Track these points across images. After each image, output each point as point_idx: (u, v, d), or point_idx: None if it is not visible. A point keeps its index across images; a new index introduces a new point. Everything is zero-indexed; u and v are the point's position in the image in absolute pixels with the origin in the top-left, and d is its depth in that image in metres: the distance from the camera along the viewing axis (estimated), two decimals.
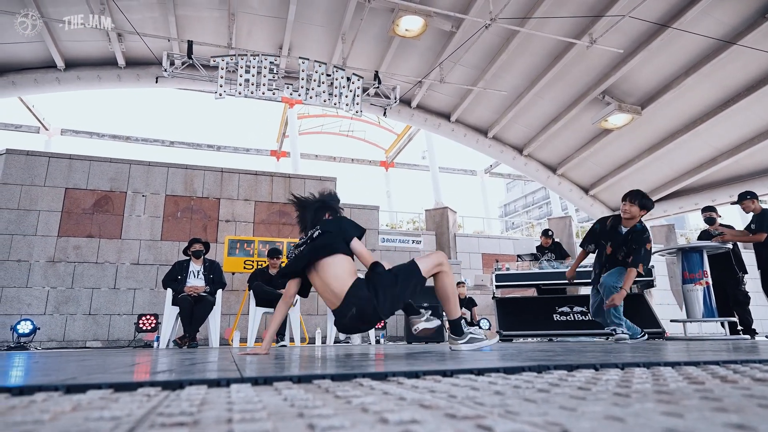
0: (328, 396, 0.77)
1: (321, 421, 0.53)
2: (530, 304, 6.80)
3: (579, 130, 10.98)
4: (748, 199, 5.58)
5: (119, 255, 7.52)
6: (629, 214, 4.11)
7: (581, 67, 9.23)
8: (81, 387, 0.84)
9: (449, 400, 0.71)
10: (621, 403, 0.66)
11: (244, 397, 0.74)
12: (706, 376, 1.02)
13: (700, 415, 0.57)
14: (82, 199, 7.55)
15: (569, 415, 0.58)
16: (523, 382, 0.94)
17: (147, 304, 7.41)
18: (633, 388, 0.83)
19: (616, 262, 4.18)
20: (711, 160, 10.39)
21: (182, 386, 0.90)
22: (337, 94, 8.80)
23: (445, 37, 9.04)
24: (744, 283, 5.98)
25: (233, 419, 0.55)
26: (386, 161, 19.16)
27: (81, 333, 7.11)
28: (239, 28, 8.98)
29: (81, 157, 7.74)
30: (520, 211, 55.82)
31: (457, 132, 11.74)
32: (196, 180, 8.20)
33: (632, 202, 4.11)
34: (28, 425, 0.53)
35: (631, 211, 4.10)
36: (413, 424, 0.52)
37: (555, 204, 19.23)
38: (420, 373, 1.09)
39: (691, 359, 1.44)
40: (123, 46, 8.97)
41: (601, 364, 1.28)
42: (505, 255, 12.68)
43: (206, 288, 5.58)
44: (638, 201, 4.11)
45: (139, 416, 0.59)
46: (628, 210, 4.11)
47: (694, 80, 8.65)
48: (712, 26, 7.71)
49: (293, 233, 8.42)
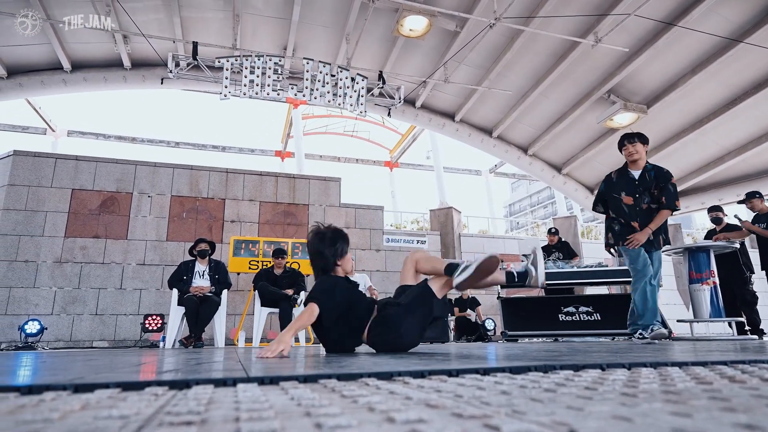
0: (335, 395, 0.77)
1: (328, 420, 0.53)
2: (535, 304, 6.78)
3: (584, 129, 10.94)
4: (756, 198, 5.55)
5: (125, 255, 7.56)
6: (636, 154, 3.77)
7: (586, 66, 9.20)
8: (89, 386, 0.85)
9: (455, 399, 0.71)
10: (628, 403, 0.66)
11: (250, 397, 0.75)
12: (714, 377, 1.01)
13: (709, 415, 0.57)
14: (88, 200, 7.60)
15: (576, 415, 0.57)
16: (529, 382, 0.94)
17: (153, 305, 7.45)
18: (640, 388, 0.83)
19: (644, 213, 3.71)
20: (718, 159, 10.33)
21: (189, 386, 0.90)
22: (341, 94, 8.81)
23: (449, 36, 9.03)
24: (751, 282, 5.95)
25: (240, 418, 0.56)
26: (390, 161, 19.15)
27: (88, 333, 7.15)
28: (244, 28, 9.01)
29: (87, 158, 7.79)
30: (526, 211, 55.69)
31: (462, 132, 11.72)
32: (201, 180, 8.24)
33: (632, 142, 3.78)
34: (38, 424, 0.54)
35: (637, 150, 3.77)
36: (420, 423, 0.52)
37: (560, 203, 19.17)
38: (426, 372, 1.09)
39: (698, 359, 1.43)
40: (128, 47, 9.02)
41: (608, 364, 1.27)
42: (510, 255, 12.64)
43: (211, 288, 5.60)
44: (639, 139, 3.79)
45: (147, 415, 0.59)
46: (633, 150, 3.78)
47: (701, 78, 8.60)
48: (719, 24, 7.66)
49: (298, 233, 8.43)
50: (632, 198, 3.75)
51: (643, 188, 3.72)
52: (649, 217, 3.70)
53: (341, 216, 8.87)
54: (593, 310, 6.26)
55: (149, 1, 8.22)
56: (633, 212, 3.75)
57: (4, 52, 8.78)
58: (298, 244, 7.54)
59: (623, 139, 3.87)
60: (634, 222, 3.72)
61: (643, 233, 3.63)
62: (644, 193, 3.72)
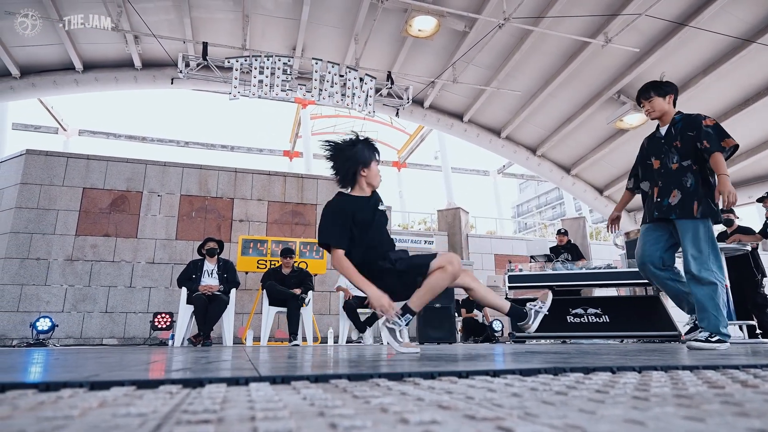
0: (347, 396, 0.78)
1: (342, 420, 0.54)
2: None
3: (593, 130, 10.88)
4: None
5: (135, 254, 7.63)
6: (657, 110, 3.13)
7: (596, 66, 9.15)
8: (105, 384, 0.86)
9: (467, 401, 0.72)
10: (640, 407, 0.66)
11: (264, 396, 0.75)
12: (726, 381, 1.01)
13: (722, 420, 0.57)
14: (99, 199, 7.67)
15: (589, 418, 0.58)
16: (540, 384, 0.94)
17: (162, 303, 7.51)
18: (652, 392, 0.82)
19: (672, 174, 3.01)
20: (729, 161, 10.22)
21: (202, 384, 0.91)
22: (350, 94, 8.83)
23: (458, 37, 9.02)
24: (763, 285, 5.88)
25: (256, 417, 0.56)
26: (398, 161, 19.16)
27: (98, 330, 7.22)
28: (253, 29, 9.06)
29: (98, 158, 7.87)
30: (533, 212, 55.43)
31: (470, 132, 11.70)
32: (210, 180, 8.29)
33: (648, 99, 3.13)
34: (59, 420, 0.55)
35: (654, 106, 3.12)
36: (433, 424, 0.53)
37: (569, 204, 19.08)
38: (436, 374, 1.10)
39: (709, 363, 1.43)
40: (139, 48, 9.10)
41: (618, 367, 1.27)
42: (518, 256, 12.60)
43: (220, 287, 5.63)
44: (654, 91, 3.12)
45: (164, 413, 0.60)
46: (650, 108, 3.14)
47: (712, 79, 8.52)
48: (732, 24, 7.58)
49: (306, 233, 8.46)
50: (659, 160, 3.10)
51: (669, 145, 3.08)
52: (677, 177, 2.98)
53: None
54: (602, 312, 6.22)
55: (160, 2, 8.30)
56: (659, 176, 3.08)
57: (18, 53, 8.89)
58: (306, 243, 7.56)
59: (638, 96, 3.24)
60: (656, 187, 3.07)
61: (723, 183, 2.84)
62: (671, 150, 3.06)
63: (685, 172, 2.99)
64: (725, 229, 6.37)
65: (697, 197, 2.93)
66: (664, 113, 3.14)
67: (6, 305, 6.89)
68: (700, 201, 2.92)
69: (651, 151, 3.20)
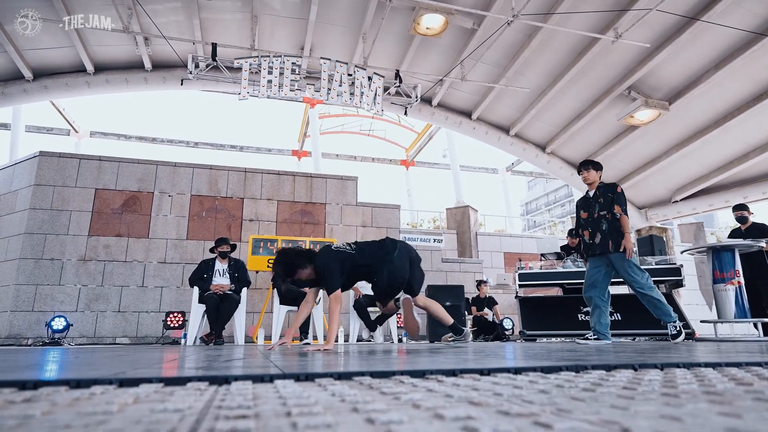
0: (374, 392, 0.78)
1: (379, 415, 0.54)
2: (554, 304, 6.72)
3: (603, 126, 10.79)
4: None
5: (147, 254, 7.69)
6: (590, 179, 4.45)
7: (606, 62, 9.06)
8: (133, 381, 0.87)
9: (496, 398, 0.72)
10: (673, 404, 0.66)
11: (292, 392, 0.76)
12: (752, 378, 1.00)
13: (759, 416, 0.56)
14: (111, 200, 7.75)
15: (623, 414, 0.58)
16: (564, 381, 0.94)
17: (174, 302, 7.57)
18: (680, 389, 0.82)
19: (595, 222, 4.36)
20: (742, 156, 10.09)
21: (228, 381, 0.92)
22: (358, 93, 8.83)
23: (466, 34, 8.99)
24: None
25: (292, 413, 0.57)
26: (407, 160, 19.14)
27: (111, 330, 7.30)
28: (262, 29, 9.08)
29: (110, 159, 7.94)
30: (542, 209, 55.13)
31: (479, 130, 11.65)
32: (220, 180, 8.34)
33: (587, 170, 4.45)
34: (99, 416, 0.56)
35: (590, 176, 4.45)
36: (470, 420, 0.53)
37: None
38: (458, 371, 1.10)
39: (731, 360, 1.41)
40: (149, 49, 9.16)
41: (640, 364, 1.26)
42: (527, 254, 12.55)
43: (231, 286, 5.67)
44: (591, 166, 4.46)
45: (199, 409, 0.61)
46: (588, 176, 4.45)
47: (725, 74, 8.40)
48: (744, 18, 7.48)
49: (315, 232, 8.49)
50: (587, 213, 4.47)
51: (594, 201, 4.43)
52: (597, 223, 4.33)
53: (358, 215, 8.90)
54: (613, 310, 6.18)
55: (169, 4, 8.35)
56: (586, 223, 4.45)
57: (30, 55, 8.99)
58: (316, 242, 7.58)
59: (579, 167, 4.55)
60: (586, 231, 4.45)
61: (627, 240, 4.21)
62: (594, 205, 4.39)
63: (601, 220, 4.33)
64: (739, 226, 6.29)
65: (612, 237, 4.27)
66: (594, 183, 4.46)
67: (21, 305, 6.98)
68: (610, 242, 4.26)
69: (581, 206, 4.57)
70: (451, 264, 9.78)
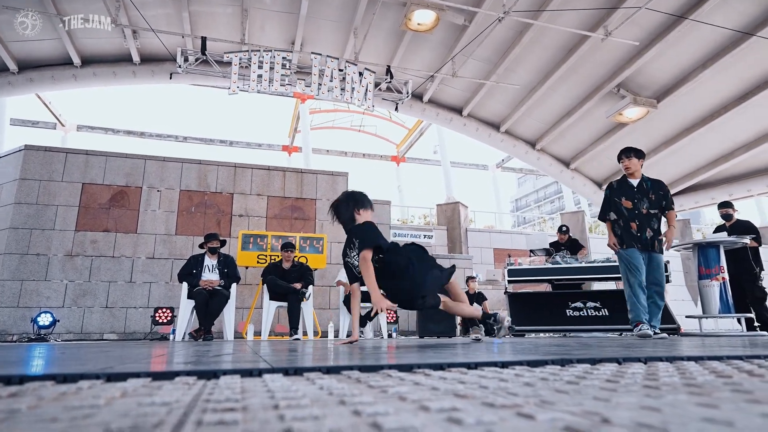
0: (362, 386, 0.79)
1: (365, 407, 0.55)
2: (543, 300, 6.78)
3: (593, 124, 10.88)
4: None
5: (135, 249, 7.63)
6: (631, 168, 4.29)
7: (595, 60, 9.13)
8: (121, 375, 0.87)
9: (482, 390, 0.73)
10: (653, 395, 0.68)
11: (280, 386, 0.77)
12: (732, 371, 1.02)
13: (735, 406, 0.58)
14: (98, 194, 7.66)
15: (605, 405, 0.59)
16: (549, 375, 0.95)
17: (162, 298, 7.52)
18: (661, 381, 0.84)
19: (645, 218, 4.19)
20: (728, 154, 10.25)
21: (217, 376, 0.92)
22: (349, 89, 8.80)
23: (457, 30, 9.00)
24: (761, 279, 5.92)
25: (279, 405, 0.57)
26: (397, 156, 19.14)
27: (98, 326, 7.24)
28: (252, 23, 9.02)
29: (97, 153, 7.85)
30: (532, 206, 55.48)
31: (469, 126, 11.69)
32: (209, 175, 8.28)
33: (629, 158, 4.30)
34: (86, 409, 0.56)
35: (631, 165, 4.28)
36: (455, 411, 0.54)
37: (568, 198, 19.09)
38: (445, 365, 1.11)
39: (713, 354, 1.44)
40: (138, 42, 9.05)
41: (624, 358, 1.28)
42: (517, 250, 12.63)
43: (221, 282, 5.65)
44: (633, 153, 4.31)
45: (187, 402, 0.61)
46: (629, 165, 4.29)
47: (712, 72, 8.51)
48: (732, 17, 7.57)
49: (305, 228, 8.47)
50: (631, 202, 4.26)
51: (641, 195, 4.25)
52: (648, 220, 4.18)
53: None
54: (601, 306, 6.25)
55: None
56: (632, 214, 4.24)
57: (15, 47, 8.84)
58: (306, 238, 7.57)
59: (621, 154, 4.39)
60: (633, 223, 4.21)
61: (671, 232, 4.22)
62: (642, 199, 4.23)
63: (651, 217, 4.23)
64: (724, 223, 6.40)
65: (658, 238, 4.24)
66: (636, 171, 4.33)
67: (6, 301, 6.89)
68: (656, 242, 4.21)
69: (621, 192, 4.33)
70: (441, 260, 9.79)
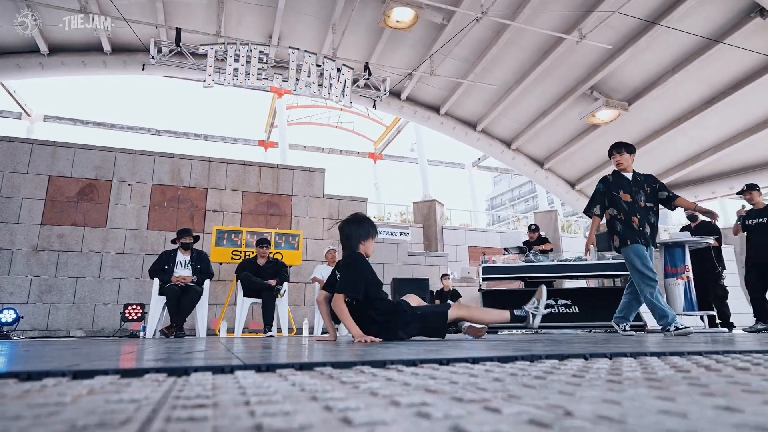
0: (334, 382, 0.80)
1: (336, 403, 0.56)
2: (516, 297, 6.89)
3: (567, 125, 11.09)
4: (755, 190, 5.70)
5: (104, 244, 7.43)
6: (623, 163, 4.21)
7: (570, 62, 9.31)
8: (88, 373, 0.86)
9: (452, 385, 0.74)
10: (615, 389, 0.70)
11: (252, 383, 0.76)
12: (691, 365, 1.06)
13: (691, 399, 0.61)
14: (66, 187, 7.43)
15: (569, 399, 0.61)
16: (518, 370, 0.97)
17: (133, 294, 7.36)
18: (624, 376, 0.87)
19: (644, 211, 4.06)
20: (695, 157, 10.59)
21: (188, 373, 0.91)
22: (326, 84, 8.75)
23: (435, 29, 9.04)
24: (723, 278, 6.16)
25: (251, 402, 0.58)
26: (375, 153, 19.13)
27: (64, 322, 7.03)
28: (228, 16, 8.87)
29: (65, 145, 7.61)
30: (507, 205, 56.26)
31: (446, 125, 11.77)
32: (183, 169, 8.13)
33: (620, 153, 4.22)
34: (51, 407, 0.55)
35: (623, 160, 4.20)
36: (424, 406, 0.55)
37: (541, 198, 19.43)
38: (417, 361, 1.12)
39: (675, 350, 1.50)
40: (109, 32, 8.79)
41: (591, 353, 1.32)
42: (491, 248, 12.79)
43: (194, 278, 5.55)
44: (624, 149, 4.23)
45: (156, 399, 0.61)
46: (621, 160, 4.21)
47: (681, 77, 8.79)
48: (700, 24, 7.82)
49: (281, 224, 8.40)
50: (629, 195, 4.13)
51: (638, 188, 4.15)
52: (647, 213, 4.07)
53: (324, 207, 8.86)
54: (572, 303, 6.40)
55: None
56: (632, 208, 4.07)
57: None
58: (281, 234, 7.51)
59: (611, 149, 4.30)
60: (634, 217, 4.05)
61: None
62: (639, 192, 4.12)
63: (649, 210, 4.10)
64: (689, 223, 6.63)
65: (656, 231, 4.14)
66: (628, 167, 4.23)
67: None
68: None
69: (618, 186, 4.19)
70: (417, 257, 9.88)
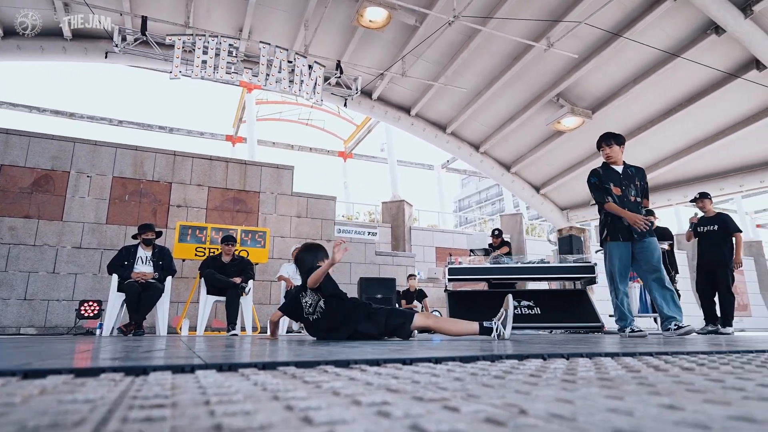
0: (297, 381, 0.80)
1: (298, 402, 0.56)
2: (480, 298, 7.01)
3: (533, 130, 11.36)
4: (707, 198, 6.00)
5: (60, 238, 7.14)
6: (613, 156, 4.11)
7: (538, 69, 9.54)
8: (40, 372, 0.83)
9: (413, 385, 0.76)
10: (569, 388, 0.73)
11: (213, 382, 0.76)
12: (641, 366, 1.11)
13: (638, 398, 0.64)
14: (19, 177, 7.10)
15: (525, 398, 0.63)
16: (479, 370, 1.00)
17: (89, 290, 7.09)
18: (578, 375, 0.90)
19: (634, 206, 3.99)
20: (653, 165, 11.03)
21: (146, 372, 0.89)
22: (297, 81, 8.67)
23: (408, 31, 9.09)
24: (676, 281, 6.44)
25: (210, 401, 0.57)
26: (344, 152, 19.07)
27: (14, 319, 6.72)
28: (198, 6, 8.66)
29: (19, 133, 7.27)
30: (474, 207, 57.12)
31: (417, 126, 11.86)
32: (146, 162, 7.89)
33: (609, 145, 4.12)
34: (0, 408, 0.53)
35: (612, 153, 4.11)
36: (385, 405, 0.56)
37: (507, 201, 19.82)
38: (381, 361, 1.13)
39: (628, 351, 1.56)
40: (70, 16, 8.43)
41: (549, 354, 1.36)
42: (458, 249, 12.96)
43: (155, 275, 5.40)
44: (614, 140, 4.13)
45: (112, 399, 0.59)
46: (611, 153, 4.11)
47: (641, 88, 9.15)
48: (660, 38, 8.16)
49: (247, 221, 8.28)
50: (620, 189, 4.03)
51: (628, 181, 4.05)
52: (637, 208, 3.99)
53: (293, 205, 8.77)
54: (534, 305, 6.56)
55: None
56: (622, 202, 4.00)
57: None
58: (247, 231, 7.39)
59: (600, 140, 4.19)
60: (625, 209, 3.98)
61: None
62: (629, 186, 4.03)
63: (639, 204, 4.02)
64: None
65: None
66: (617, 159, 4.13)
67: None
68: None
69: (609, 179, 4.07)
70: (384, 257, 9.91)
